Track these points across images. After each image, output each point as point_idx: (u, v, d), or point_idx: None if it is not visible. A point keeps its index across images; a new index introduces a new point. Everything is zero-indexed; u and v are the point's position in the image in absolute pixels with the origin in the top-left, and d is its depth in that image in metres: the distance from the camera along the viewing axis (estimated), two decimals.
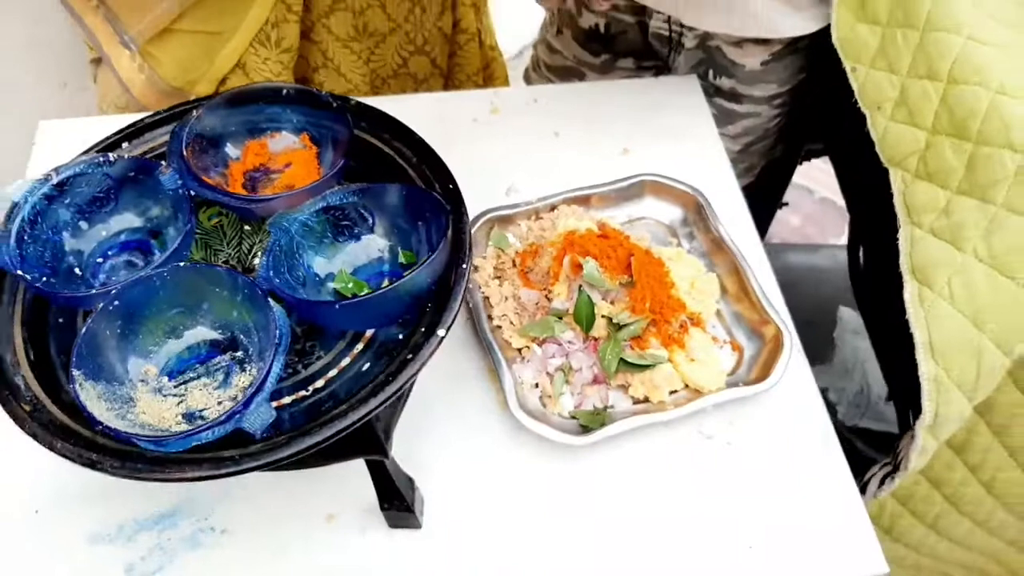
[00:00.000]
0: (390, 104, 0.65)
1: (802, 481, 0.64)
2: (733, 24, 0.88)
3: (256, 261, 0.59)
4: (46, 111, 1.06)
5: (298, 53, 0.87)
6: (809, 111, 1.04)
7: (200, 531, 0.62)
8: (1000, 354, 0.60)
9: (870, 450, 1.16)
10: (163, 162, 0.59)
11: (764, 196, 1.20)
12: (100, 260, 0.59)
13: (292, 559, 0.60)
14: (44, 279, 0.54)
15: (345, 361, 0.55)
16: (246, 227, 0.62)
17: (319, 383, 0.54)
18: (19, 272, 0.53)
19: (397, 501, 0.60)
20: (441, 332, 0.52)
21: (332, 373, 0.54)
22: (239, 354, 0.53)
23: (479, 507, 0.63)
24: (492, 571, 0.60)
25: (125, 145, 0.64)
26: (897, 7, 0.73)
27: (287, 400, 0.53)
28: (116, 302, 0.51)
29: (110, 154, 0.59)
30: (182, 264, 0.54)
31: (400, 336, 0.54)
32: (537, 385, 0.68)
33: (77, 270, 0.58)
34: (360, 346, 0.55)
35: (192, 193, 0.57)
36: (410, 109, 0.65)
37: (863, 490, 0.74)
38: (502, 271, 0.74)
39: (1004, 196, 0.61)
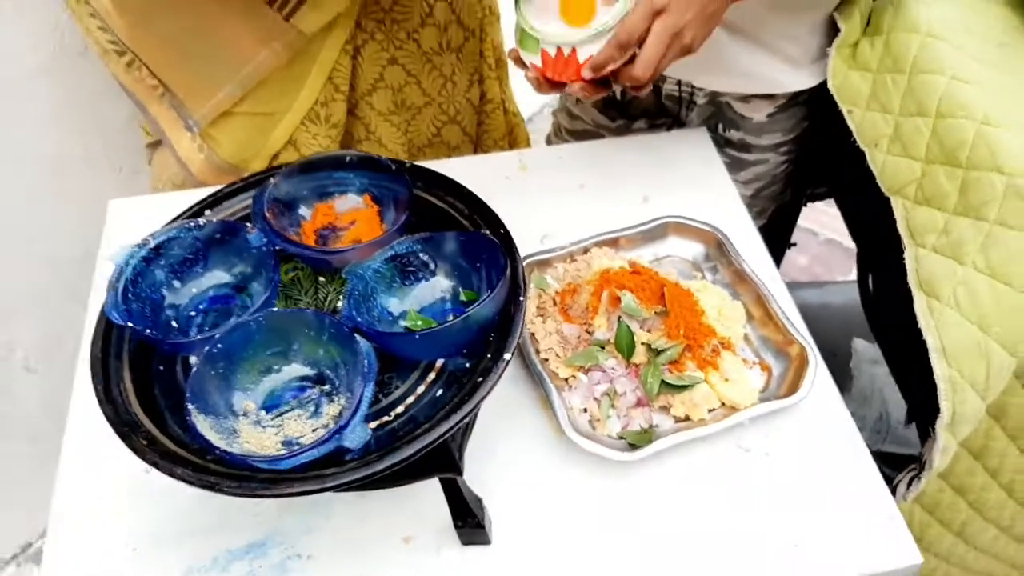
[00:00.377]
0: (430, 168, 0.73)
1: (836, 483, 0.70)
2: (740, 84, 0.98)
3: (338, 304, 0.66)
4: (106, 193, 1.15)
5: (344, 128, 0.96)
6: (813, 156, 1.12)
7: (288, 558, 0.67)
8: (1006, 354, 0.66)
9: (894, 472, 1.21)
10: (248, 223, 0.67)
11: (773, 238, 1.27)
12: (193, 313, 0.66)
13: None
14: (148, 331, 0.61)
15: (420, 389, 0.61)
16: (320, 278, 0.69)
17: (399, 409, 0.60)
18: (129, 324, 0.60)
19: (469, 518, 0.65)
20: (507, 356, 0.59)
21: (410, 400, 0.61)
22: (327, 387, 0.60)
23: (541, 523, 0.68)
24: None
25: (207, 212, 0.72)
26: (886, 55, 0.82)
27: (373, 425, 0.59)
28: (219, 346, 0.58)
29: (199, 219, 0.67)
30: (275, 309, 0.61)
31: (467, 365, 0.61)
32: (585, 410, 0.74)
33: (174, 323, 0.65)
34: (432, 376, 0.62)
35: (276, 248, 0.65)
36: (448, 171, 0.73)
37: (892, 493, 0.79)
38: (544, 309, 0.81)
39: (996, 213, 0.68)
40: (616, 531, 0.68)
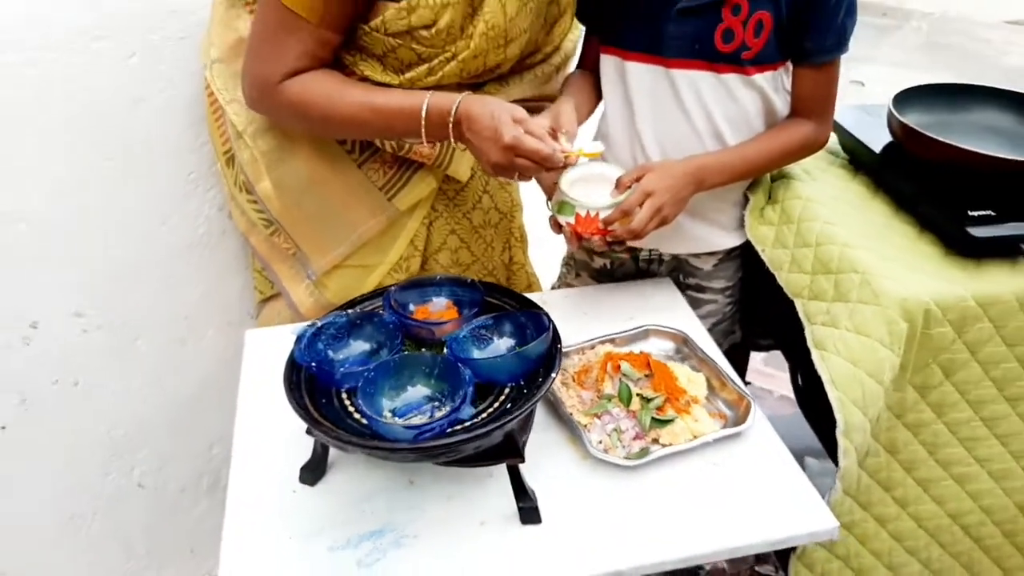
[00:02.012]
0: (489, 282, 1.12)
1: (772, 481, 1.01)
2: (691, 246, 1.40)
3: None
4: (225, 346, 1.53)
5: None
6: (753, 307, 1.53)
7: (401, 537, 0.96)
8: (872, 381, 1.02)
9: None
10: (381, 312, 1.04)
11: None
12: (344, 368, 1.01)
13: (458, 551, 0.94)
14: (319, 366, 0.96)
15: (496, 404, 0.95)
16: (422, 349, 1.05)
17: (484, 415, 0.94)
18: (312, 364, 0.95)
19: (527, 500, 0.96)
20: (553, 375, 0.94)
21: (491, 409, 0.95)
22: (436, 402, 0.94)
23: (573, 512, 0.98)
24: (587, 551, 0.94)
25: (348, 311, 1.09)
26: (783, 214, 1.25)
27: (467, 424, 0.92)
28: (370, 374, 0.93)
29: (348, 311, 1.05)
30: (405, 352, 0.97)
31: (524, 389, 0.96)
32: (600, 442, 1.07)
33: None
34: (504, 395, 0.96)
35: (399, 325, 1.02)
36: None
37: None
38: (567, 383, 1.16)
39: (856, 296, 1.07)
40: (624, 517, 0.98)
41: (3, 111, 1.13)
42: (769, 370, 2.30)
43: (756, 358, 2.39)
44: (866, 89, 4.27)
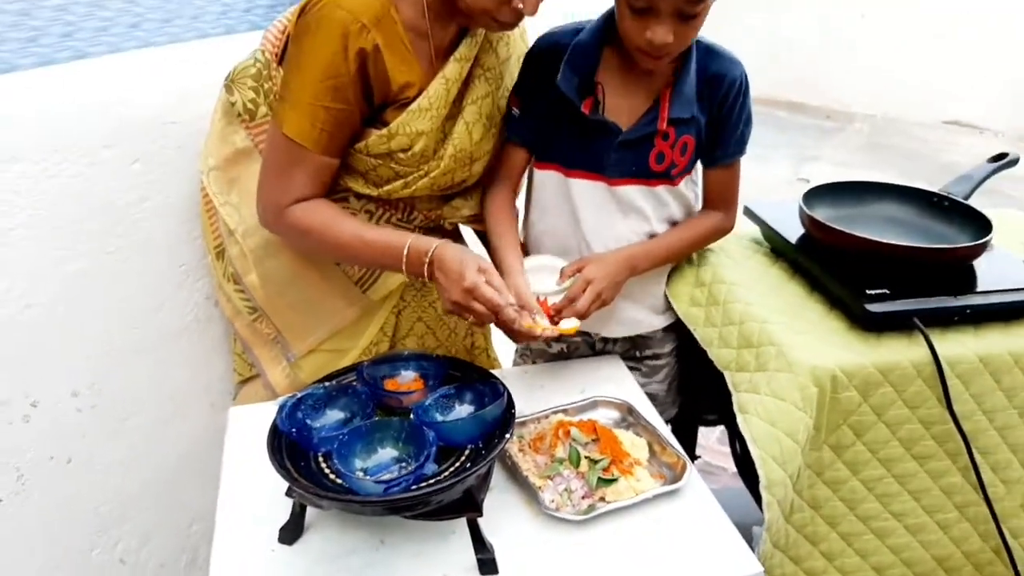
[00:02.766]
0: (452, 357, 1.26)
1: (704, 534, 1.14)
2: (627, 329, 1.55)
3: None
4: (205, 428, 1.64)
5: None
6: (695, 382, 1.67)
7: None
8: (789, 440, 1.16)
9: None
10: (355, 384, 1.17)
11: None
12: (322, 433, 1.13)
13: None
14: (298, 432, 1.08)
15: (457, 463, 1.08)
16: (392, 416, 1.18)
17: (446, 473, 1.06)
18: (293, 431, 1.08)
19: (486, 552, 1.07)
20: (507, 436, 1.07)
21: (452, 468, 1.07)
22: (403, 463, 1.07)
23: (531, 563, 1.09)
24: None
25: (325, 384, 1.22)
26: (710, 296, 1.42)
27: (430, 480, 1.05)
28: (345, 437, 1.06)
29: (325, 383, 1.18)
30: (376, 418, 1.09)
31: (483, 451, 1.09)
32: (552, 501, 1.19)
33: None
34: (464, 455, 1.09)
35: (372, 396, 1.15)
36: None
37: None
38: (524, 449, 1.28)
39: (773, 366, 1.22)
40: (575, 568, 1.09)
41: (22, 211, 1.28)
42: (724, 448, 2.43)
43: (711, 437, 2.53)
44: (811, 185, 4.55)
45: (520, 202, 1.54)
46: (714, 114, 1.36)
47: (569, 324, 1.29)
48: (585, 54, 1.34)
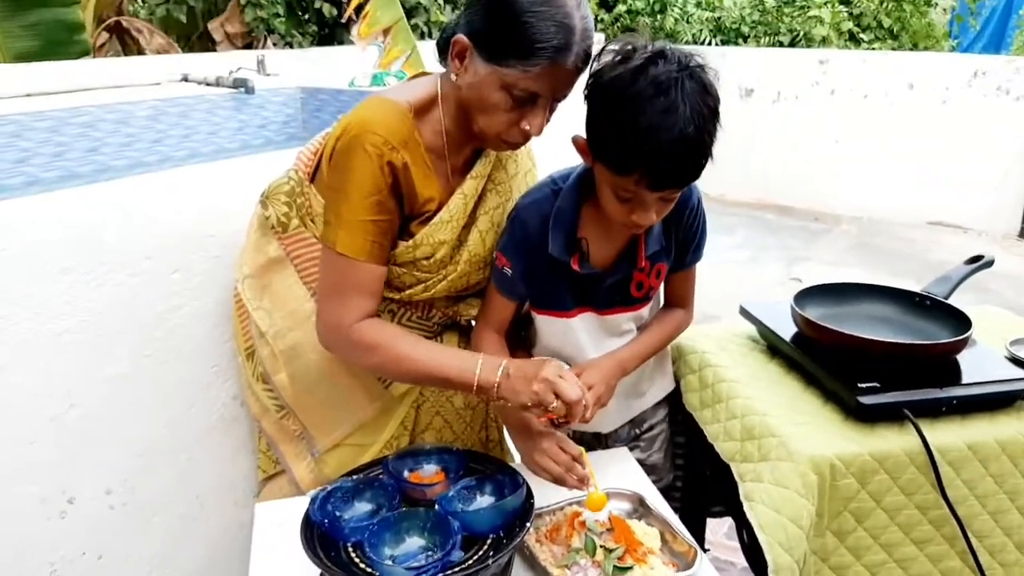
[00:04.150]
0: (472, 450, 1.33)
1: None
2: (624, 416, 1.64)
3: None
4: (229, 525, 1.69)
5: None
6: (704, 477, 1.74)
7: None
8: (793, 525, 1.22)
9: None
10: (381, 476, 1.24)
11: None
12: (352, 523, 1.20)
13: None
14: (332, 523, 1.15)
15: (480, 551, 1.14)
16: (417, 507, 1.24)
17: (470, 561, 1.12)
18: (324, 522, 1.14)
19: None
20: (527, 526, 1.14)
21: (475, 556, 1.13)
22: (430, 551, 1.13)
23: None
24: None
25: (353, 477, 1.29)
26: (713, 393, 1.50)
27: (456, 569, 1.11)
28: (374, 527, 1.12)
29: (353, 476, 1.25)
30: (403, 509, 1.16)
31: (504, 540, 1.15)
32: None
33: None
34: (486, 544, 1.15)
35: (397, 487, 1.22)
36: None
37: None
38: (541, 540, 1.34)
39: (775, 455, 1.30)
40: None
41: (71, 318, 1.38)
42: (733, 543, 2.45)
43: (719, 532, 2.55)
44: (803, 285, 4.69)
45: None
46: (679, 237, 1.49)
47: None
48: (567, 216, 1.44)
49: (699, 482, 1.72)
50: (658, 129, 1.19)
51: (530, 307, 1.58)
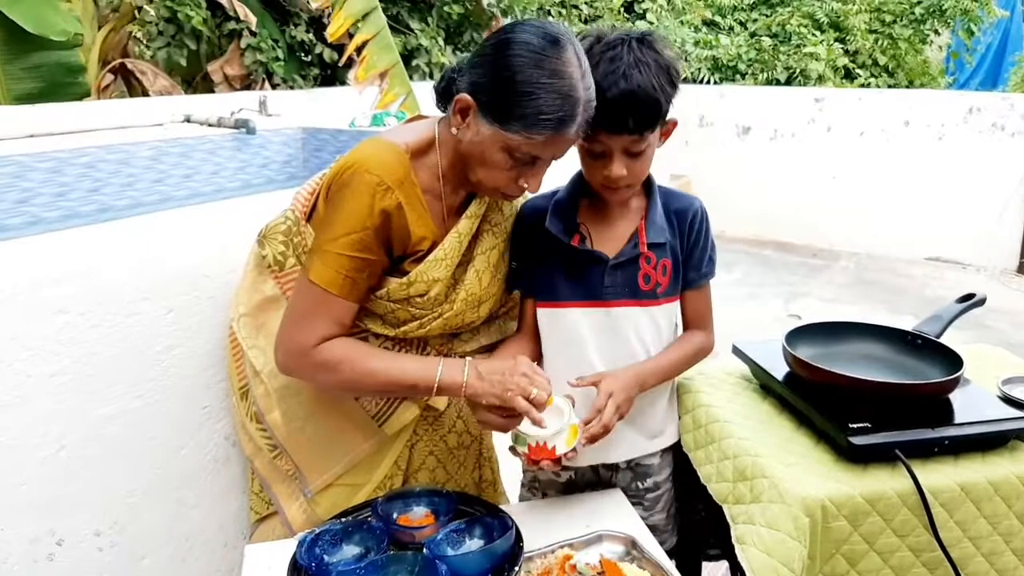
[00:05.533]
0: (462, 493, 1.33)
1: None
2: (630, 451, 1.63)
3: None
4: (218, 567, 1.68)
5: None
6: (697, 518, 1.72)
7: None
8: (787, 570, 1.21)
9: None
10: (370, 519, 1.24)
11: None
12: (339, 567, 1.19)
13: None
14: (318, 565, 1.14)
15: None
16: (405, 550, 1.23)
17: None
18: (312, 565, 1.14)
19: None
20: (517, 568, 1.13)
21: None
22: None
23: None
24: None
25: (342, 520, 1.28)
26: (706, 434, 1.50)
27: None
28: (362, 571, 1.12)
29: (342, 519, 1.25)
30: (391, 552, 1.15)
31: None
32: None
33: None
34: None
35: (387, 529, 1.21)
36: None
37: None
38: None
39: (767, 497, 1.29)
40: None
41: (65, 358, 1.39)
42: None
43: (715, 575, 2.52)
44: (802, 321, 4.70)
45: None
46: (684, 243, 1.54)
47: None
48: (566, 206, 1.54)
49: (694, 524, 1.70)
50: (605, 75, 1.34)
51: (535, 305, 1.60)
